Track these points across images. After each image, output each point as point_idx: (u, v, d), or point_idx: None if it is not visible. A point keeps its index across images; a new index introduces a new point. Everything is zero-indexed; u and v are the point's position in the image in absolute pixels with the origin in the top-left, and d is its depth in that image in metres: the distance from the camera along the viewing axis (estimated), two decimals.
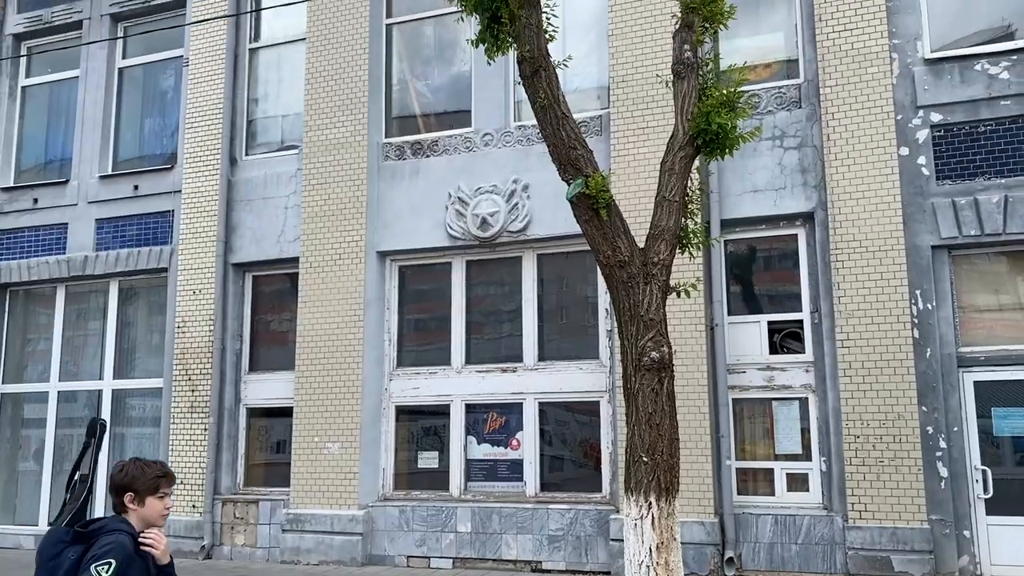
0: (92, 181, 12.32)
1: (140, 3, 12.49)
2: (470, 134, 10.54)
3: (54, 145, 13.21)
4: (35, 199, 12.60)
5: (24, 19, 13.17)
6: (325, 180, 10.83)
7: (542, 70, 5.41)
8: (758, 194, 9.13)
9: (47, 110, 13.35)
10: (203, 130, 11.65)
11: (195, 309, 11.20)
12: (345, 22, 11.00)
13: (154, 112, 12.72)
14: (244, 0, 11.95)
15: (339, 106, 10.92)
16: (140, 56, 12.74)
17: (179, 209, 11.63)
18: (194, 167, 11.59)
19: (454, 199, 10.36)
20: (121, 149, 12.68)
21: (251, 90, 11.97)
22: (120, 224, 12.08)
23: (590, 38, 10.34)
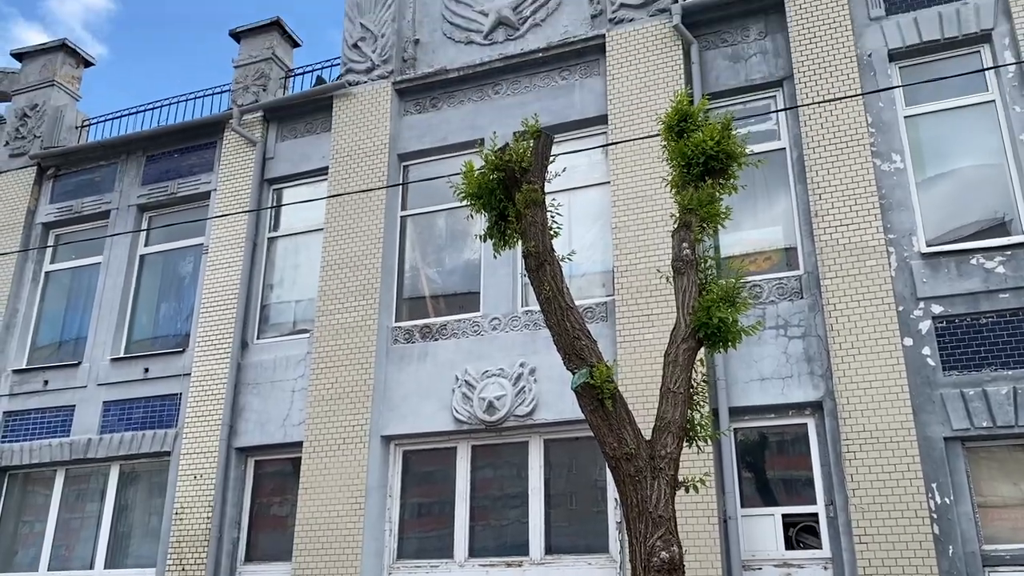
0: (103, 363, 12.45)
1: (166, 195, 13.15)
2: (478, 318, 10.72)
3: (70, 327, 13.48)
4: (45, 381, 12.69)
5: (55, 209, 13.84)
6: (333, 363, 10.92)
7: (547, 264, 5.60)
8: (765, 382, 9.12)
9: (67, 294, 13.74)
10: (217, 314, 11.90)
11: (195, 494, 10.96)
12: (363, 215, 11.49)
13: (171, 296, 13.06)
14: (266, 194, 12.58)
15: (352, 292, 11.20)
16: (162, 243, 13.24)
17: (187, 392, 11.66)
18: (205, 350, 11.74)
19: (461, 382, 10.38)
20: (135, 331, 12.91)
21: (267, 276, 12.33)
22: (127, 407, 12.08)
23: (595, 228, 10.74)
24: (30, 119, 14.38)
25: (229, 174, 12.65)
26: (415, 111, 12.05)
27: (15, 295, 13.39)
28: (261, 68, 13.06)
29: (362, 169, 11.74)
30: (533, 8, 11.61)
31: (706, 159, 5.65)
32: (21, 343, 13.25)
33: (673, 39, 10.56)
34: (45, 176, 14.10)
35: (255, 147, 12.61)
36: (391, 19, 12.30)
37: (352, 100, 12.17)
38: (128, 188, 13.43)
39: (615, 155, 10.32)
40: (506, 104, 11.46)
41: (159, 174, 13.35)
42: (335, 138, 12.11)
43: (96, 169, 13.82)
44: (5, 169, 14.22)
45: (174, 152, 13.39)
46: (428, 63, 12.05)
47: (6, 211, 13.90)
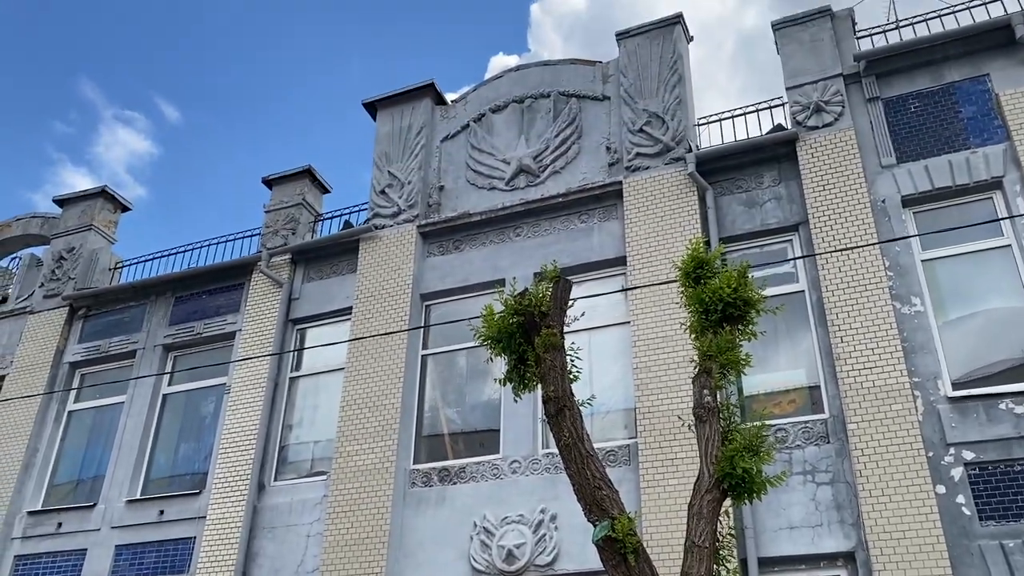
0: (119, 505, 12.29)
1: (192, 335, 13.36)
2: (498, 461, 10.54)
3: (89, 466, 13.40)
4: (59, 523, 12.50)
5: (83, 348, 14.06)
6: (350, 507, 10.70)
7: (566, 409, 5.57)
8: (795, 531, 8.79)
9: (88, 433, 13.74)
10: (235, 455, 11.81)
11: None
12: (384, 354, 11.56)
13: (191, 436, 13.02)
14: (290, 334, 12.74)
15: (370, 432, 11.11)
16: (185, 383, 13.33)
17: (201, 536, 11.41)
18: (222, 493, 11.58)
19: (479, 528, 10.10)
20: (153, 471, 12.81)
21: (287, 416, 12.30)
22: (140, 551, 11.82)
23: (616, 367, 10.70)
24: (66, 261, 14.86)
25: (255, 315, 12.88)
26: (438, 253, 12.34)
27: (36, 435, 13.40)
28: (291, 213, 13.53)
29: (385, 309, 11.91)
30: (553, 157, 12.06)
31: (724, 306, 5.70)
32: (38, 484, 13.16)
33: (688, 185, 10.88)
34: (76, 316, 14.42)
35: (281, 288, 12.88)
36: (418, 167, 12.82)
37: (378, 243, 12.51)
38: (155, 328, 13.67)
39: (634, 297, 10.43)
40: (527, 246, 11.73)
41: (186, 315, 13.61)
42: (360, 279, 12.37)
43: (126, 310, 14.13)
44: (39, 309, 14.58)
45: (202, 293, 13.71)
46: (452, 207, 12.44)
47: (36, 351, 14.14)
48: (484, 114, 12.88)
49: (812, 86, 10.88)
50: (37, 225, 15.94)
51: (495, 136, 12.68)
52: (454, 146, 13.00)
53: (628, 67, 12.05)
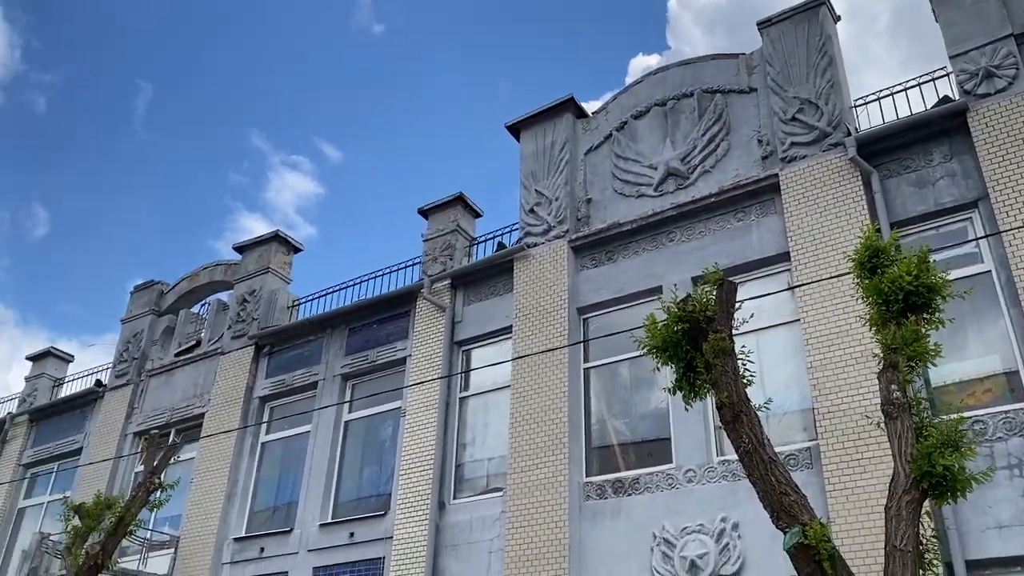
0: (313, 530, 13.03)
1: (367, 364, 14.03)
2: (671, 471, 10.39)
3: (283, 493, 14.31)
4: (261, 548, 13.41)
5: (270, 383, 15.08)
6: (527, 522, 10.84)
7: (743, 415, 5.43)
8: (1004, 531, 8.11)
9: (280, 462, 14.69)
10: (416, 476, 12.26)
11: None
12: (546, 369, 11.69)
13: (372, 460, 13.66)
14: (456, 356, 13.12)
15: (541, 447, 11.24)
16: (364, 409, 14.00)
17: (389, 556, 11.91)
18: (405, 513, 12.04)
19: (659, 540, 9.97)
20: (341, 495, 13.51)
21: (460, 435, 12.66)
22: (335, 572, 12.48)
23: (788, 369, 10.31)
24: (249, 303, 16.02)
25: (422, 340, 13.36)
26: (591, 265, 12.36)
27: (235, 466, 14.47)
28: (447, 240, 13.98)
29: (544, 325, 12.05)
30: (702, 157, 11.83)
31: (905, 295, 5.38)
32: (240, 512, 14.18)
33: (851, 171, 10.35)
34: (261, 354, 15.49)
35: (444, 313, 13.31)
36: (563, 183, 12.92)
37: (531, 261, 12.69)
38: (333, 359, 14.46)
39: (803, 293, 10.01)
40: (681, 250, 11.54)
41: (360, 344, 14.32)
42: (517, 298, 12.58)
43: (305, 344, 15.04)
44: (228, 350, 15.78)
45: (373, 323, 14.38)
46: (601, 219, 12.43)
47: (229, 388, 15.30)
48: (626, 122, 12.82)
49: (979, 51, 10.11)
50: (221, 272, 17.29)
51: (639, 142, 12.58)
52: (598, 157, 13.01)
53: (773, 55, 11.65)
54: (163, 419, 16.05)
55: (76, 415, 18.10)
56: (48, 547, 14.18)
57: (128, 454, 16.22)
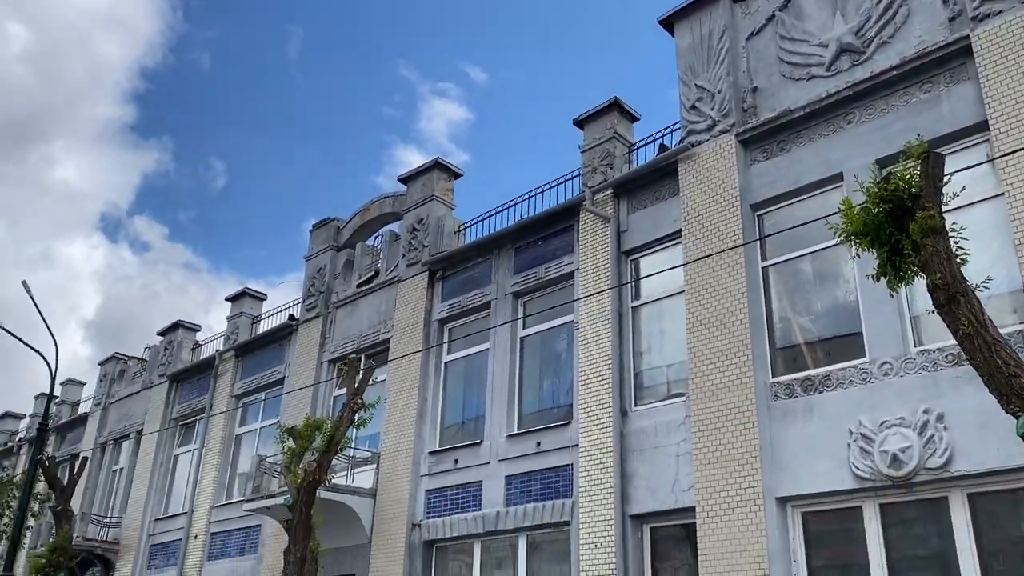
0: (501, 440, 13.57)
1: (536, 281, 14.21)
2: (865, 365, 9.95)
3: (469, 409, 14.96)
4: (455, 460, 14.14)
5: (446, 306, 15.62)
6: (714, 425, 10.77)
7: (960, 296, 5.05)
8: None
9: (463, 380, 15.31)
10: (594, 386, 12.42)
11: (597, 563, 11.34)
12: (722, 271, 11.39)
13: (550, 373, 13.95)
14: (624, 266, 13.02)
15: (722, 350, 11.05)
16: (537, 325, 14.26)
17: (577, 463, 12.23)
18: (588, 422, 12.27)
19: (856, 436, 9.64)
20: (524, 408, 13.95)
21: (635, 344, 12.65)
22: (526, 479, 12.99)
23: (992, 248, 9.49)
24: (418, 232, 16.54)
25: (589, 253, 13.34)
26: (762, 158, 11.79)
27: (423, 386, 15.22)
28: (606, 148, 13.74)
29: (715, 226, 11.68)
30: (878, 27, 10.87)
31: None
32: (432, 427, 14.97)
33: None
34: (435, 279, 16.04)
35: (609, 223, 13.18)
36: (725, 73, 12.28)
37: (696, 160, 12.26)
38: (503, 279, 14.76)
39: (1006, 164, 9.12)
40: (862, 132, 10.77)
41: (528, 262, 14.51)
42: (684, 200, 12.24)
43: (475, 266, 15.41)
44: (404, 277, 16.44)
45: (538, 240, 14.50)
46: (770, 108, 11.77)
47: (409, 313, 16.00)
48: (789, 0, 11.94)
49: None
50: (389, 204, 17.91)
51: (806, 20, 11.71)
52: (761, 42, 12.24)
53: None
54: (353, 346, 17.06)
55: (275, 348, 19.60)
56: (266, 468, 15.60)
57: (325, 380, 17.43)
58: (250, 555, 17.45)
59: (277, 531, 14.78)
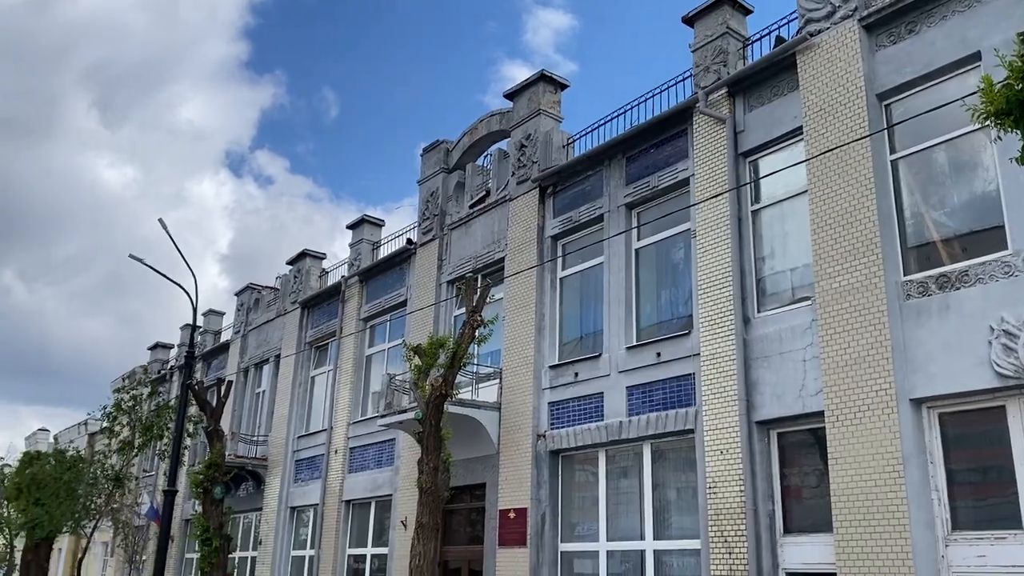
0: (620, 353, 13.61)
1: (649, 190, 13.93)
2: (1007, 258, 9.33)
3: (587, 323, 15.03)
4: (575, 373, 14.31)
5: (558, 222, 15.57)
6: (842, 328, 10.42)
7: None
8: None
9: (579, 294, 15.36)
10: (714, 294, 12.20)
11: (723, 469, 11.35)
12: (847, 167, 10.83)
13: (667, 284, 13.78)
14: (742, 168, 12.56)
15: (849, 251, 10.59)
16: (652, 236, 14.04)
17: (699, 371, 12.15)
18: (709, 330, 12.11)
19: (997, 332, 9.12)
20: (642, 320, 13.89)
21: (756, 249, 12.28)
22: (647, 390, 13.04)
23: None
24: (527, 148, 16.43)
25: (704, 157, 12.92)
26: (888, 43, 10.98)
27: (540, 302, 15.37)
28: (718, 45, 13.11)
29: (839, 119, 11.05)
30: None
31: None
32: (551, 342, 15.16)
33: None
34: (546, 195, 15.97)
35: (724, 124, 12.68)
36: None
37: (816, 51, 11.55)
38: (615, 191, 14.54)
39: None
40: (1001, 4, 9.83)
41: (640, 171, 14.21)
42: (804, 95, 11.61)
43: (585, 179, 15.23)
44: (515, 195, 16.46)
45: (649, 148, 14.14)
46: None
47: (522, 231, 16.07)
48: None
49: None
50: (496, 122, 17.82)
51: None
52: None
53: None
54: (469, 266, 17.35)
55: (396, 271, 20.20)
56: (396, 385, 16.29)
57: (445, 299, 17.87)
58: (387, 467, 18.44)
59: (411, 444, 15.52)
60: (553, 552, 13.94)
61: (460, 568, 16.04)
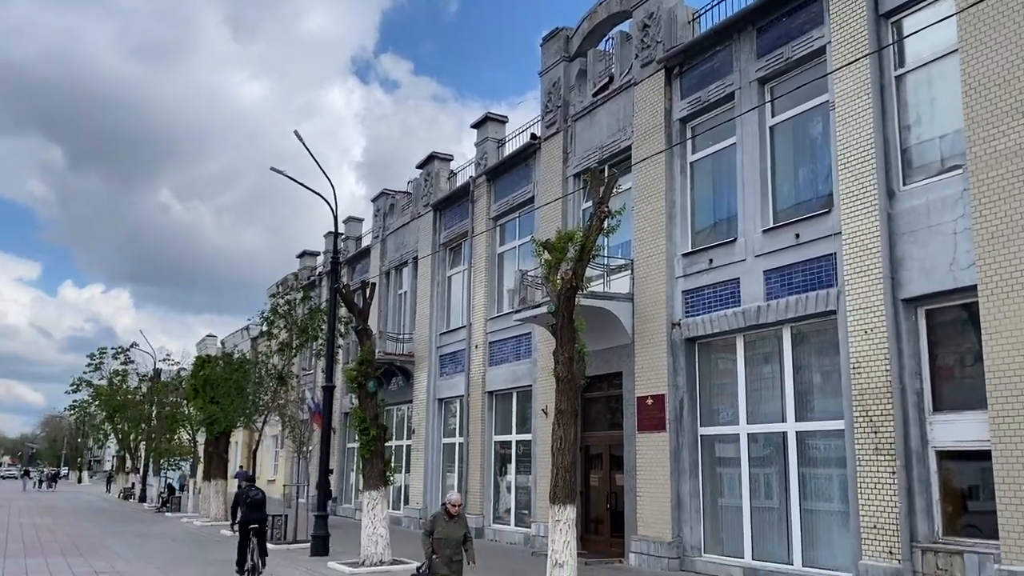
0: (756, 236, 13.24)
1: (782, 62, 13.16)
2: None
3: (719, 208, 14.65)
4: (710, 260, 14.08)
5: (686, 103, 15.04)
6: (998, 196, 9.71)
7: None
8: None
9: (711, 178, 14.93)
10: (856, 168, 11.58)
11: (868, 349, 11.03)
12: (1002, 21, 9.83)
13: (805, 161, 13.16)
14: (883, 31, 11.64)
15: (1006, 112, 9.74)
16: (787, 111, 13.35)
17: (840, 251, 11.69)
18: (851, 207, 11.56)
19: None
20: (778, 201, 13.40)
21: (900, 117, 11.49)
22: (785, 273, 12.69)
23: None
24: (650, 27, 15.79)
25: (841, 20, 12.02)
26: None
27: (669, 189, 15.06)
28: None
29: None
30: None
31: None
32: (683, 229, 14.91)
33: None
34: (672, 76, 15.39)
35: None
36: None
37: None
38: (746, 66, 13.82)
39: None
40: None
41: (771, 43, 13.41)
42: None
43: (713, 56, 14.54)
44: (640, 79, 15.96)
45: (782, 16, 13.28)
46: None
47: (648, 116, 15.65)
48: None
49: None
50: (617, 3, 17.15)
51: None
52: None
53: None
54: (595, 157, 17.14)
55: (522, 168, 20.25)
56: (528, 281, 16.58)
57: (572, 192, 17.82)
58: (525, 359, 19.02)
59: (546, 337, 15.89)
60: (693, 435, 14.12)
61: (601, 453, 16.55)
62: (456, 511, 8.75)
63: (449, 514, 8.70)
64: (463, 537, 8.72)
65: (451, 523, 8.67)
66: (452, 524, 8.68)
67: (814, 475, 12.24)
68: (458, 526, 8.73)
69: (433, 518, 8.83)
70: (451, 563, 8.59)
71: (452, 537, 8.62)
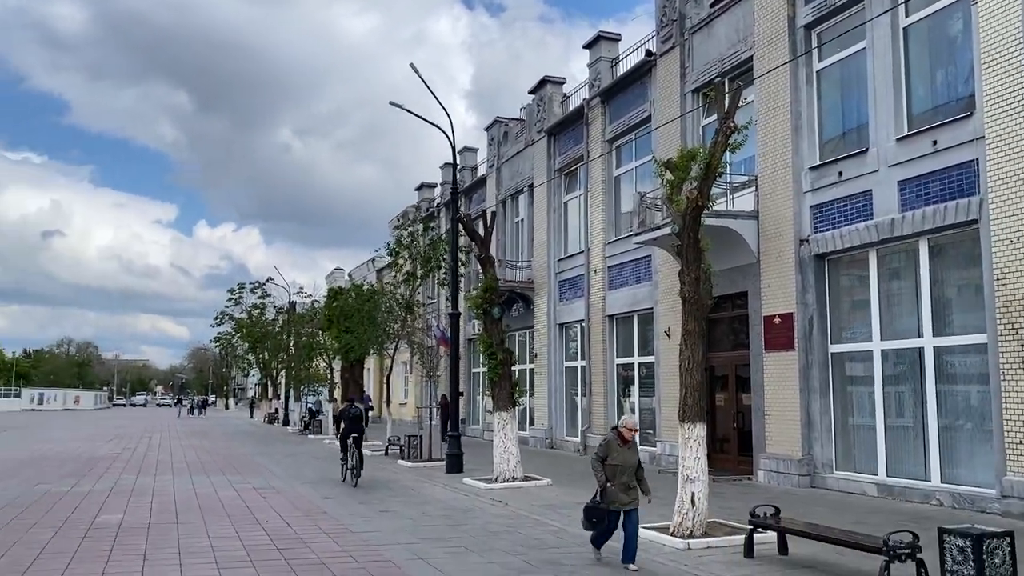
0: (889, 145, 12.63)
1: None
2: None
3: (848, 118, 14.01)
4: (839, 172, 13.55)
5: (811, 8, 14.29)
6: None
7: None
8: None
9: (839, 86, 14.24)
10: (1002, 67, 10.80)
11: (1014, 259, 10.47)
12: None
13: (943, 62, 12.37)
14: None
15: None
16: (923, 9, 12.52)
17: (983, 156, 11.03)
18: (995, 108, 10.84)
19: None
20: (914, 107, 12.69)
21: None
22: (922, 182, 12.10)
23: None
24: None
25: None
26: None
27: (795, 100, 14.47)
28: None
29: None
30: None
31: None
32: (810, 142, 14.36)
33: None
34: None
35: None
36: None
37: None
38: None
39: None
40: None
41: None
42: None
43: None
44: None
45: None
46: None
47: (770, 24, 14.98)
48: None
49: None
50: None
51: None
52: None
53: None
54: (714, 71, 16.59)
55: (637, 87, 19.84)
56: (648, 203, 16.44)
57: (691, 110, 17.39)
58: (646, 282, 19.00)
59: (666, 259, 15.81)
60: (823, 353, 13.87)
61: (726, 374, 16.50)
62: (631, 436, 8.24)
63: (623, 439, 8.18)
64: (637, 463, 8.23)
65: (625, 449, 8.17)
66: (627, 450, 8.17)
67: (952, 391, 11.85)
68: (632, 452, 8.21)
69: (606, 443, 8.27)
70: (628, 490, 8.07)
71: (628, 463, 8.10)
